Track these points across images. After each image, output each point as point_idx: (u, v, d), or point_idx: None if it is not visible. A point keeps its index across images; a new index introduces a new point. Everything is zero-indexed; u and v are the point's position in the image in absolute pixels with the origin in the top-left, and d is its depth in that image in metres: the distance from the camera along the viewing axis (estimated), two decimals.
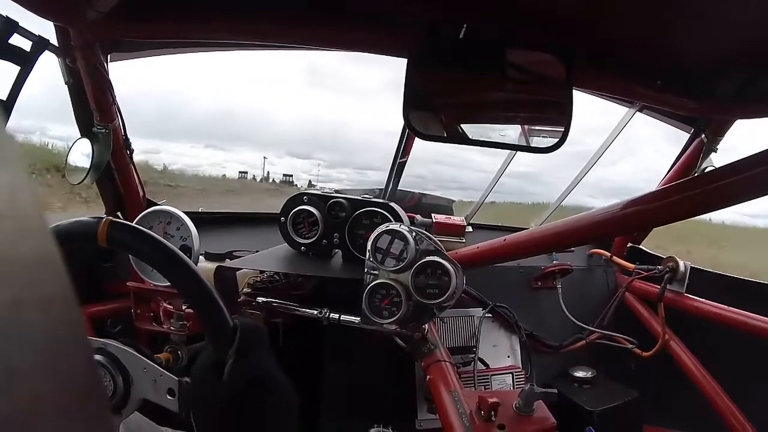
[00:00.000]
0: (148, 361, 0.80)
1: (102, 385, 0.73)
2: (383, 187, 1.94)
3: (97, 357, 0.78)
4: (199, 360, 0.71)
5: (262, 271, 1.28)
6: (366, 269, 1.12)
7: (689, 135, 1.49)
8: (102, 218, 0.73)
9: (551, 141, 0.88)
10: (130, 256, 1.11)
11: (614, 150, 1.63)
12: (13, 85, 0.96)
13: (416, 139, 1.68)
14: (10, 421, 0.15)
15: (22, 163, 0.19)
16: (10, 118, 0.99)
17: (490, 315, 1.59)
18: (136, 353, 0.80)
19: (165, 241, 0.73)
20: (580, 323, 1.64)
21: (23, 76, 0.97)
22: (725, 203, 0.88)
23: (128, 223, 0.77)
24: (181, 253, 0.73)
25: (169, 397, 0.77)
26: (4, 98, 0.96)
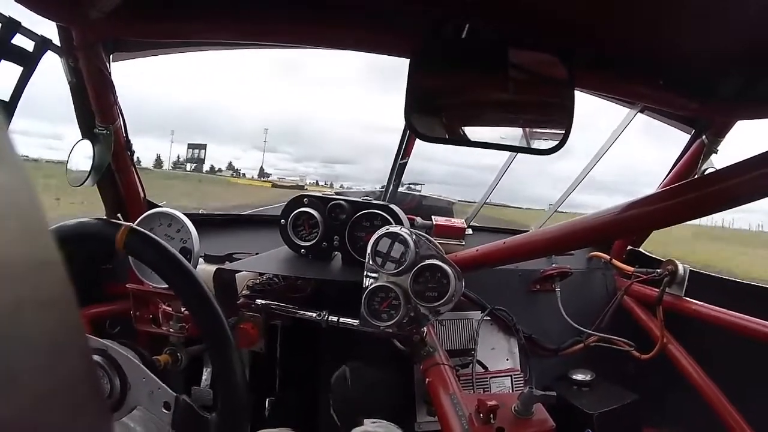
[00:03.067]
0: (148, 371, 0.80)
1: (101, 386, 0.73)
2: (383, 188, 1.94)
3: (96, 358, 0.78)
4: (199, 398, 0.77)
5: (261, 274, 1.28)
6: (365, 272, 1.12)
7: (690, 136, 1.49)
8: (122, 225, 0.75)
9: (552, 142, 0.88)
10: (130, 258, 1.11)
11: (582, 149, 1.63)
12: (16, 86, 0.97)
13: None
14: (11, 421, 0.15)
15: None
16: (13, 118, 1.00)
17: (488, 318, 1.59)
18: (138, 362, 0.80)
19: (186, 263, 0.75)
20: (578, 326, 1.63)
21: (26, 76, 0.97)
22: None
23: (149, 234, 0.78)
24: (195, 273, 0.75)
25: (164, 410, 0.78)
26: (7, 99, 0.97)
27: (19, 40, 0.93)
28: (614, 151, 1.54)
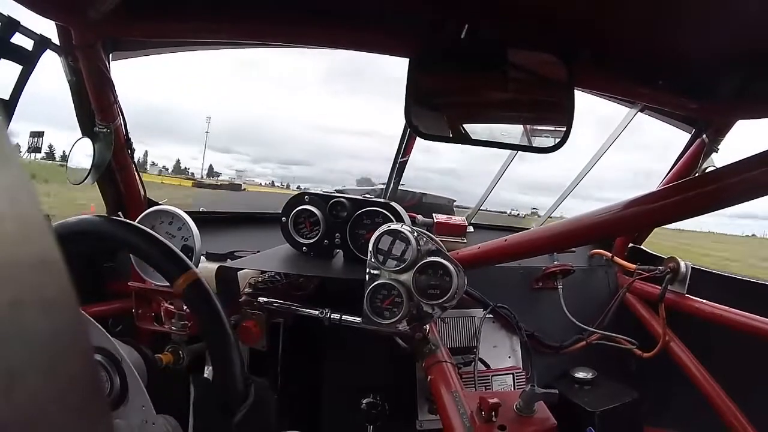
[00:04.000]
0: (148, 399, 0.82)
1: (102, 385, 0.73)
2: (383, 186, 1.94)
3: (97, 356, 0.78)
4: (203, 394, 0.78)
5: (263, 271, 1.28)
6: (367, 269, 1.12)
7: (690, 135, 1.49)
8: (189, 270, 0.77)
9: (553, 140, 0.88)
10: (132, 257, 1.11)
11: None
12: (15, 85, 0.96)
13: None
14: (11, 420, 0.15)
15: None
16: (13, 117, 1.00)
17: (491, 315, 1.59)
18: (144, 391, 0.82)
19: (229, 329, 0.78)
20: (580, 324, 1.63)
21: (25, 75, 0.97)
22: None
23: (209, 291, 0.79)
24: (234, 340, 0.78)
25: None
26: (7, 98, 0.97)
27: (19, 40, 0.93)
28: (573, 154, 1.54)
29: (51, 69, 1.13)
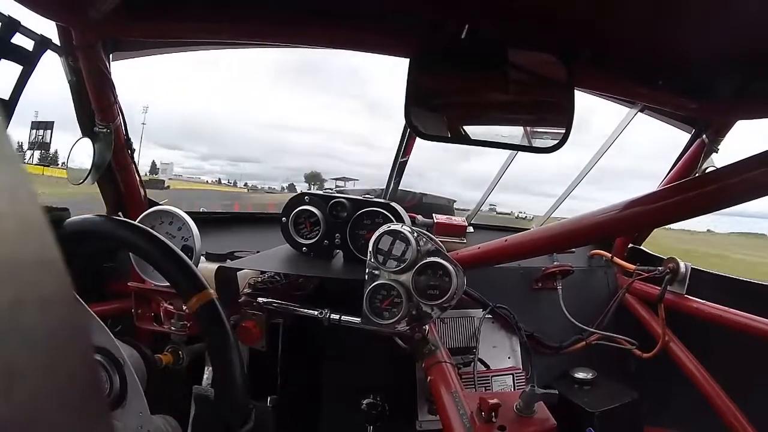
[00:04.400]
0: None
1: (101, 384, 0.73)
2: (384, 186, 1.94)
3: (97, 356, 0.78)
4: (203, 413, 0.79)
5: (263, 272, 1.28)
6: (367, 270, 1.12)
7: (690, 135, 1.49)
8: (205, 290, 0.77)
9: (553, 140, 0.88)
10: (132, 256, 1.11)
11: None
12: (15, 85, 0.97)
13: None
14: (11, 420, 0.15)
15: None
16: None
17: (490, 316, 1.59)
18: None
19: (231, 338, 0.78)
20: (580, 324, 1.63)
21: (26, 75, 0.97)
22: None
23: (221, 313, 0.79)
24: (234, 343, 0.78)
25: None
26: (6, 98, 0.97)
27: (19, 40, 0.93)
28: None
29: (51, 70, 1.13)
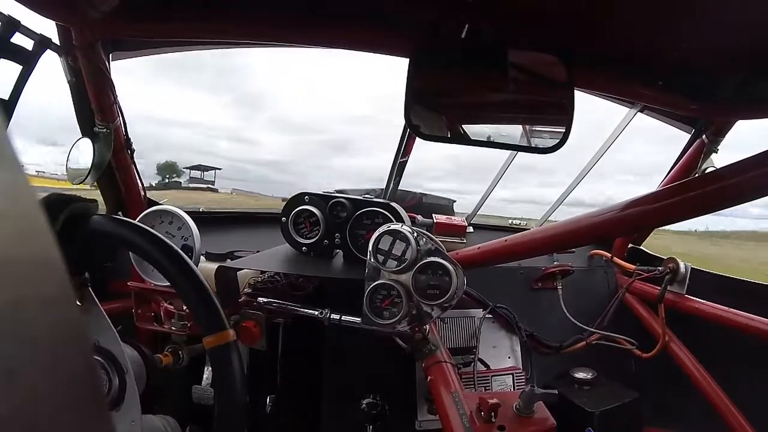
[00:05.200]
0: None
1: (101, 384, 0.73)
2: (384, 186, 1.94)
3: (97, 357, 0.78)
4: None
5: (263, 272, 1.28)
6: (367, 270, 1.12)
7: (690, 135, 1.49)
8: (227, 329, 0.76)
9: (553, 140, 0.88)
10: (132, 256, 1.11)
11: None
12: (15, 85, 0.96)
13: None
14: (11, 419, 0.15)
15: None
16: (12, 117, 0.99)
17: (490, 316, 1.59)
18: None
19: (243, 381, 0.77)
20: (580, 324, 1.63)
21: (25, 75, 0.97)
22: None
23: (236, 354, 0.78)
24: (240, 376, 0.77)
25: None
26: (6, 98, 0.96)
27: (19, 39, 0.93)
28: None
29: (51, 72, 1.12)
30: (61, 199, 0.72)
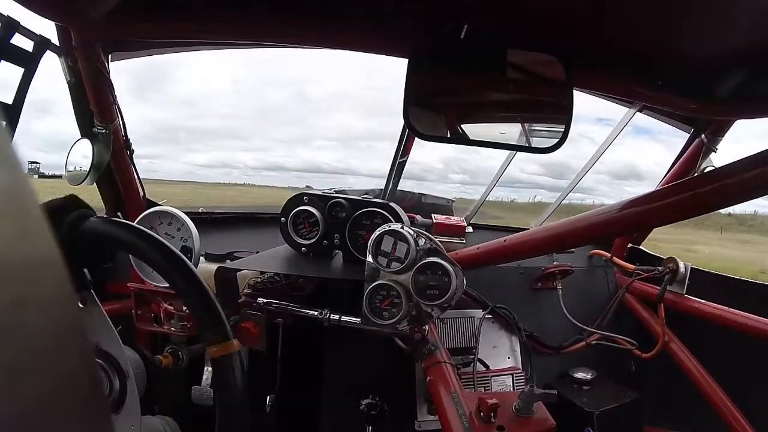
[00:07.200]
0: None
1: (101, 385, 0.73)
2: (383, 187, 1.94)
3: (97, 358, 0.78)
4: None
5: (262, 272, 1.28)
6: (366, 270, 1.12)
7: (689, 135, 1.49)
8: (230, 340, 0.74)
9: (552, 140, 0.88)
10: (131, 257, 1.11)
11: None
12: (18, 87, 0.96)
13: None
14: (11, 419, 0.15)
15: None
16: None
17: (490, 316, 1.59)
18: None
19: (244, 393, 0.76)
20: (580, 324, 1.63)
21: (28, 77, 0.97)
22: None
23: (239, 366, 0.78)
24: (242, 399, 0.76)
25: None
26: (10, 102, 0.96)
27: (18, 40, 0.93)
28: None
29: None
30: (66, 204, 0.72)
